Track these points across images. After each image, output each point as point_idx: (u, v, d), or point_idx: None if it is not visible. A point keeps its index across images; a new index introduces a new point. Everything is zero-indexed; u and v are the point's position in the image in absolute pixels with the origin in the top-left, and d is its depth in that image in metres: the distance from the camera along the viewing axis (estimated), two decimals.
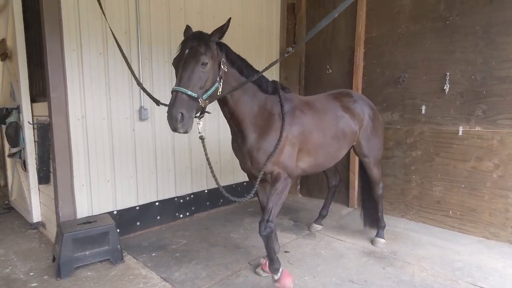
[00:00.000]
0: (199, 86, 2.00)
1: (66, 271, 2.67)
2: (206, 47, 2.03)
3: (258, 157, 2.41)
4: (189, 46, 2.03)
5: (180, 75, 1.98)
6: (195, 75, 1.98)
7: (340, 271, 2.80)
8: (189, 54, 2.00)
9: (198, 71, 1.99)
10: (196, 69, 1.98)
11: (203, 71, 2.01)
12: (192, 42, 2.04)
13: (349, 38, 4.37)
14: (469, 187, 3.53)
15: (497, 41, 3.28)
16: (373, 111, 3.19)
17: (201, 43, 2.03)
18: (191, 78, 1.97)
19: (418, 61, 3.81)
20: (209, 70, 2.04)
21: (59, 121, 2.93)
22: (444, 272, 2.76)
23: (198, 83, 2.00)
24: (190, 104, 1.95)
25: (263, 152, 2.40)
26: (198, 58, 1.99)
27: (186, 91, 1.93)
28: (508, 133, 3.27)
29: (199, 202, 4.16)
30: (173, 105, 1.91)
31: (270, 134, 2.41)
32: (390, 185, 4.12)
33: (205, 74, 2.03)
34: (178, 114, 1.89)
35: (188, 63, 1.99)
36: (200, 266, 2.87)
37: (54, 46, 2.85)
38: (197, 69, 1.99)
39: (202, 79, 2.02)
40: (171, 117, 1.90)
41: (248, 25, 4.51)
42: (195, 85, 1.98)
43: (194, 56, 1.99)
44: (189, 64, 1.98)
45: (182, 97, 1.93)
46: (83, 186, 3.13)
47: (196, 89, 1.99)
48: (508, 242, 3.32)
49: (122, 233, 3.40)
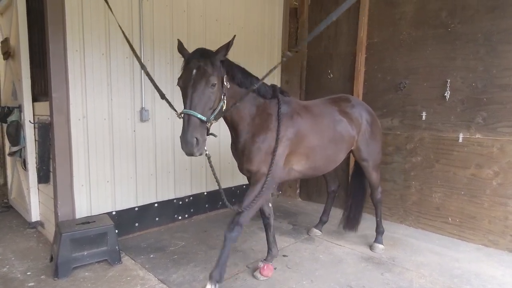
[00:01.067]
0: (208, 107, 2.02)
1: (63, 271, 2.67)
2: (213, 67, 2.02)
3: (250, 152, 2.43)
4: (196, 66, 2.00)
5: (191, 97, 1.97)
6: (205, 97, 1.98)
7: (339, 276, 2.79)
8: (197, 75, 1.98)
9: (208, 93, 1.99)
10: (206, 91, 1.98)
11: (212, 92, 2.02)
12: (198, 61, 2.01)
13: (351, 43, 4.39)
14: (469, 194, 3.53)
15: (498, 49, 3.29)
16: (371, 116, 3.21)
17: (207, 63, 2.01)
18: (202, 101, 1.97)
19: (419, 67, 3.82)
20: (216, 90, 2.05)
21: (60, 121, 2.94)
22: (442, 279, 2.75)
23: (208, 105, 2.01)
24: (202, 127, 1.97)
25: (255, 147, 2.42)
26: (208, 80, 1.98)
27: (196, 115, 1.94)
28: (508, 141, 3.27)
29: (198, 204, 4.15)
30: (187, 131, 1.91)
31: (264, 134, 2.43)
32: (389, 191, 4.12)
33: (214, 95, 2.04)
34: (194, 139, 1.91)
35: (198, 84, 1.97)
36: (198, 269, 2.86)
37: (57, 47, 2.86)
38: (207, 90, 1.99)
39: (212, 100, 2.03)
40: (186, 143, 1.91)
41: (251, 29, 4.52)
42: (205, 108, 1.99)
43: (203, 77, 1.97)
44: (199, 86, 1.97)
45: (195, 121, 1.94)
46: (82, 186, 3.13)
47: (206, 110, 2.00)
48: (507, 250, 3.31)
49: (121, 234, 3.39)
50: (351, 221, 3.48)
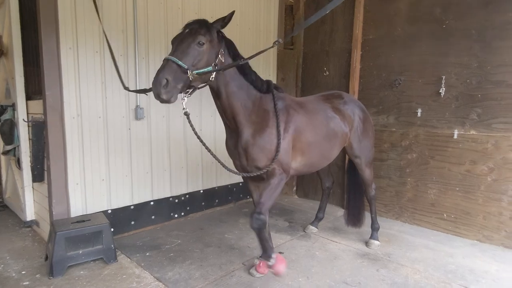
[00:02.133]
0: (191, 62, 2.03)
1: (58, 270, 2.66)
2: (206, 30, 2.11)
3: (254, 152, 2.43)
4: (190, 27, 2.11)
5: (175, 47, 2.05)
6: (189, 50, 2.03)
7: (335, 272, 2.80)
8: (188, 32, 2.08)
9: (193, 48, 2.04)
10: (192, 45, 2.04)
11: (198, 50, 2.06)
12: (194, 24, 2.13)
13: (346, 40, 4.39)
14: (464, 190, 3.55)
15: (492, 45, 3.30)
16: (363, 113, 3.21)
17: (202, 26, 2.12)
18: (185, 52, 2.01)
19: (414, 64, 3.83)
20: (204, 51, 2.09)
21: (54, 119, 2.92)
22: (437, 275, 2.77)
23: (191, 59, 2.03)
24: (178, 74, 1.97)
25: (259, 148, 2.42)
26: (196, 36, 2.06)
27: (176, 61, 1.96)
28: (502, 137, 3.29)
29: (194, 202, 4.15)
30: (160, 71, 1.93)
31: (266, 130, 2.44)
32: (384, 187, 4.13)
33: (200, 54, 2.07)
34: (163, 79, 1.90)
35: (185, 38, 2.06)
36: (194, 266, 2.86)
37: (50, 44, 2.84)
38: (193, 45, 2.04)
39: (196, 57, 2.05)
40: (155, 82, 1.91)
41: (246, 26, 4.51)
42: (187, 59, 2.01)
43: (193, 34, 2.06)
44: (186, 40, 2.05)
45: (172, 65, 1.95)
46: (77, 185, 3.12)
47: (188, 63, 2.00)
48: (501, 245, 3.33)
49: (116, 232, 3.39)
50: (353, 217, 3.51)
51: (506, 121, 3.26)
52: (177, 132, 3.81)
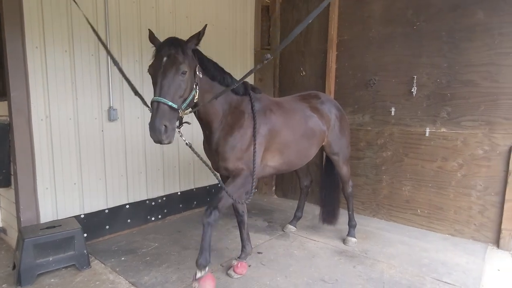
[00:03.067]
0: (179, 95, 1.98)
1: (27, 278, 2.54)
2: (184, 55, 2.00)
3: (224, 151, 2.42)
4: (166, 53, 1.98)
5: (160, 84, 1.94)
6: (175, 85, 1.95)
7: (312, 270, 2.82)
8: (168, 63, 1.96)
9: (178, 80, 1.97)
10: (176, 78, 1.96)
11: (183, 80, 1.99)
12: (169, 49, 1.99)
13: (322, 41, 4.44)
14: (436, 186, 3.66)
15: (461, 46, 3.43)
16: (339, 112, 3.27)
17: (178, 51, 1.99)
18: (171, 88, 1.94)
19: (388, 64, 3.92)
20: (187, 78, 2.03)
21: (20, 121, 2.79)
22: (411, 269, 2.84)
23: (178, 93, 1.98)
24: (172, 115, 1.93)
25: (229, 146, 2.41)
26: (178, 67, 1.96)
27: (167, 102, 1.90)
28: (470, 134, 3.42)
29: (172, 204, 4.08)
30: (155, 117, 1.87)
31: (237, 131, 2.42)
32: (362, 185, 4.21)
33: (185, 83, 2.01)
34: (162, 126, 1.87)
35: (168, 72, 1.94)
36: (171, 270, 2.81)
37: (15, 43, 2.71)
38: (177, 78, 1.96)
39: (182, 88, 2.00)
40: (154, 130, 1.87)
41: (222, 26, 4.48)
42: (175, 95, 1.96)
43: (173, 64, 1.95)
44: (169, 73, 1.94)
45: (164, 108, 1.90)
46: (47, 189, 3.00)
47: (176, 98, 1.97)
48: (471, 238, 3.46)
49: (90, 237, 3.28)
50: (328, 215, 3.55)
51: (473, 119, 3.39)
52: None
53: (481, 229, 3.41)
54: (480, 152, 3.37)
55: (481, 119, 3.35)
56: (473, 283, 2.62)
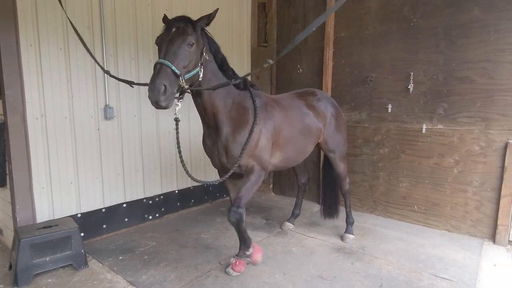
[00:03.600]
0: (183, 64, 2.00)
1: (23, 278, 2.52)
2: (193, 29, 2.05)
3: (234, 150, 2.42)
4: (176, 25, 2.03)
5: (166, 49, 1.97)
6: (180, 53, 1.98)
7: (311, 267, 2.82)
8: (176, 32, 2.00)
9: (184, 50, 2.00)
10: (182, 47, 1.99)
11: (189, 51, 2.02)
12: (179, 22, 2.04)
13: (319, 38, 4.43)
14: (433, 182, 3.68)
15: (457, 43, 3.43)
16: (335, 109, 3.28)
17: (188, 25, 2.04)
18: (177, 55, 1.97)
19: (384, 61, 3.92)
20: (193, 52, 2.05)
21: (15, 120, 2.76)
22: (409, 265, 2.85)
23: (183, 61, 2.00)
24: (173, 79, 1.93)
25: (239, 145, 2.42)
26: (186, 37, 2.00)
27: (170, 66, 1.92)
28: (467, 131, 3.43)
29: (169, 203, 4.06)
30: (156, 77, 1.88)
31: (246, 127, 2.44)
32: (359, 182, 4.22)
33: (190, 55, 2.03)
34: (161, 86, 1.86)
35: (175, 40, 1.98)
36: (169, 268, 2.80)
37: (8, 41, 2.67)
38: (184, 47, 1.99)
39: (187, 59, 2.02)
40: (153, 89, 1.85)
41: (219, 24, 4.46)
42: (179, 62, 1.97)
43: (182, 34, 2.00)
44: (176, 41, 1.98)
45: (167, 70, 1.91)
46: (43, 189, 2.97)
47: (180, 66, 1.98)
48: (468, 234, 3.49)
49: (87, 236, 3.26)
50: (329, 210, 3.60)
51: (470, 115, 3.41)
52: (149, 132, 3.71)
53: (478, 224, 3.43)
54: (476, 148, 3.39)
55: (477, 116, 3.37)
56: (470, 278, 2.64)
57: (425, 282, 2.59)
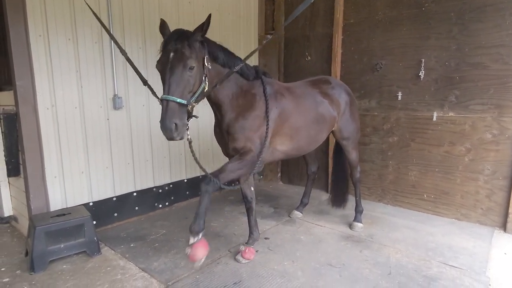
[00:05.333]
0: (188, 91, 1.99)
1: (39, 264, 2.59)
2: (191, 49, 1.98)
3: (235, 131, 2.43)
4: (173, 48, 1.96)
5: (169, 82, 1.94)
6: (183, 81, 1.95)
7: (319, 255, 2.84)
8: (174, 58, 1.94)
9: (186, 76, 1.96)
10: (184, 74, 1.95)
11: (191, 75, 1.98)
12: (175, 43, 1.96)
13: (328, 24, 4.35)
14: (443, 171, 3.64)
15: (470, 27, 3.34)
16: (350, 97, 3.25)
17: (185, 45, 1.97)
18: (180, 85, 1.94)
19: (394, 48, 3.84)
20: (196, 72, 2.01)
21: (26, 110, 2.79)
22: (417, 253, 2.85)
23: (187, 88, 1.98)
24: (181, 111, 1.95)
25: (240, 127, 2.42)
26: (186, 63, 1.94)
27: (175, 99, 1.91)
28: (479, 118, 3.37)
29: (179, 191, 4.11)
30: (165, 117, 1.89)
31: (249, 113, 2.43)
32: (368, 171, 4.20)
33: (193, 78, 2.00)
34: (172, 124, 1.90)
35: (175, 68, 1.93)
36: (180, 256, 2.85)
37: (18, 32, 2.68)
38: (185, 74, 1.95)
39: (191, 84, 1.99)
40: (165, 129, 1.90)
41: (226, 11, 4.40)
42: (184, 91, 1.96)
43: (181, 60, 1.94)
44: (176, 70, 1.93)
45: (173, 106, 1.91)
46: (55, 178, 3.03)
47: (186, 94, 1.97)
48: (478, 222, 3.46)
49: (99, 224, 3.33)
50: (338, 198, 3.62)
51: (482, 102, 3.34)
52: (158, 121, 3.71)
53: (488, 213, 3.40)
54: (488, 136, 3.33)
55: (490, 103, 3.30)
56: (480, 267, 2.63)
57: (434, 270, 2.59)
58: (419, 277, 2.50)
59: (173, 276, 2.53)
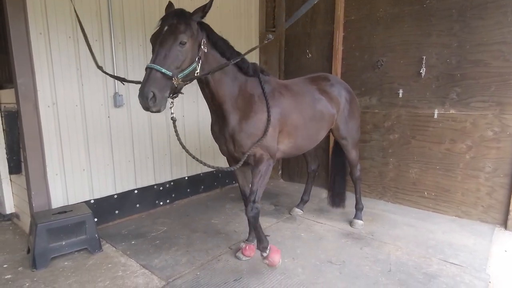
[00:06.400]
0: (175, 65, 1.94)
1: (41, 261, 2.61)
2: (186, 26, 1.97)
3: (241, 139, 2.39)
4: (168, 23, 1.96)
5: (157, 52, 1.92)
6: (172, 54, 1.92)
7: (319, 252, 2.85)
8: (167, 31, 1.94)
9: (176, 50, 1.93)
10: (173, 47, 1.92)
11: (181, 50, 1.95)
12: (172, 19, 1.97)
13: (328, 21, 4.34)
14: (443, 168, 3.64)
15: (472, 24, 3.33)
16: (350, 94, 3.22)
17: (181, 21, 1.96)
18: (168, 56, 1.91)
19: (396, 45, 3.83)
20: (187, 50, 1.98)
21: (27, 108, 2.80)
22: (418, 250, 2.86)
23: (175, 62, 1.94)
24: (164, 83, 1.89)
25: (245, 134, 2.39)
26: (177, 36, 1.93)
27: (160, 69, 1.87)
28: (480, 116, 3.36)
29: (180, 189, 4.12)
30: (145, 84, 1.85)
31: (252, 116, 2.40)
32: (368, 168, 4.20)
33: (183, 54, 1.97)
34: (150, 93, 1.83)
35: (166, 40, 1.92)
36: (180, 253, 2.86)
37: (19, 30, 2.69)
38: (175, 47, 1.93)
39: (179, 59, 1.96)
40: (142, 96, 1.84)
41: (227, 8, 4.39)
42: (171, 64, 1.92)
43: (173, 34, 1.93)
44: (167, 42, 1.92)
45: (156, 75, 1.87)
46: (56, 175, 3.04)
47: (172, 68, 1.92)
48: (479, 220, 3.46)
49: (101, 222, 3.34)
50: (336, 198, 3.58)
51: (483, 99, 3.33)
52: (159, 119, 3.73)
53: (489, 210, 3.40)
54: (490, 134, 3.33)
55: (491, 100, 3.29)
56: (480, 264, 2.64)
57: (434, 267, 2.60)
58: (419, 274, 2.50)
59: (174, 273, 2.54)
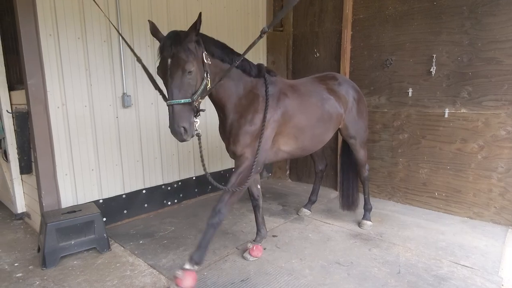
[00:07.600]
0: (190, 92, 2.02)
1: (51, 260, 2.65)
2: (187, 53, 1.97)
3: (237, 135, 2.40)
4: (170, 54, 1.96)
5: (171, 88, 1.98)
6: (184, 84, 1.98)
7: (327, 253, 2.83)
8: (172, 65, 1.96)
9: (186, 79, 1.99)
10: (183, 79, 1.98)
11: (191, 78, 2.00)
12: (171, 48, 1.96)
13: (336, 20, 4.30)
14: (454, 168, 3.57)
15: (483, 21, 3.26)
16: (357, 94, 3.19)
17: (180, 49, 1.96)
18: (181, 88, 1.98)
19: (405, 43, 3.78)
20: (195, 73, 2.02)
21: (38, 109, 2.84)
22: (428, 252, 2.81)
23: (189, 90, 2.01)
24: (187, 111, 1.99)
25: (243, 133, 2.39)
26: (184, 68, 1.95)
27: (179, 102, 1.96)
28: (492, 115, 3.29)
29: (187, 189, 4.14)
30: (173, 121, 1.96)
31: (251, 115, 2.40)
32: (377, 168, 4.15)
33: (193, 79, 2.02)
34: (181, 128, 1.96)
35: (174, 74, 1.96)
36: (188, 252, 2.85)
37: (29, 32, 2.73)
38: (185, 78, 1.98)
39: (192, 84, 2.02)
40: (175, 133, 1.97)
41: (234, 8, 4.39)
42: (186, 92, 1.99)
43: (179, 66, 1.95)
44: (176, 76, 1.97)
45: (178, 108, 1.95)
46: (66, 175, 3.08)
47: (189, 95, 2.00)
48: (491, 221, 3.39)
49: (109, 221, 3.37)
50: (347, 200, 3.48)
51: (496, 98, 3.25)
52: (166, 119, 3.66)
53: (502, 211, 3.33)
54: (502, 133, 3.25)
55: (504, 99, 3.21)
56: (492, 266, 2.58)
57: (444, 269, 2.55)
58: (429, 276, 2.46)
59: None
